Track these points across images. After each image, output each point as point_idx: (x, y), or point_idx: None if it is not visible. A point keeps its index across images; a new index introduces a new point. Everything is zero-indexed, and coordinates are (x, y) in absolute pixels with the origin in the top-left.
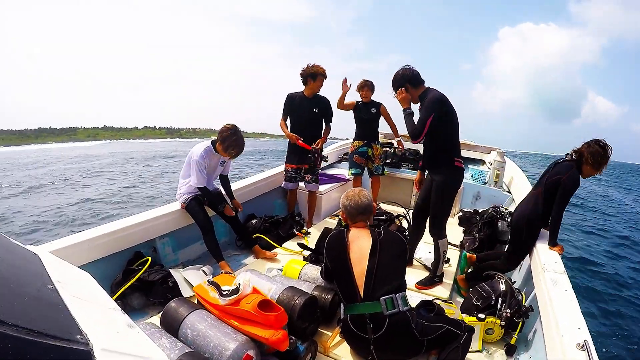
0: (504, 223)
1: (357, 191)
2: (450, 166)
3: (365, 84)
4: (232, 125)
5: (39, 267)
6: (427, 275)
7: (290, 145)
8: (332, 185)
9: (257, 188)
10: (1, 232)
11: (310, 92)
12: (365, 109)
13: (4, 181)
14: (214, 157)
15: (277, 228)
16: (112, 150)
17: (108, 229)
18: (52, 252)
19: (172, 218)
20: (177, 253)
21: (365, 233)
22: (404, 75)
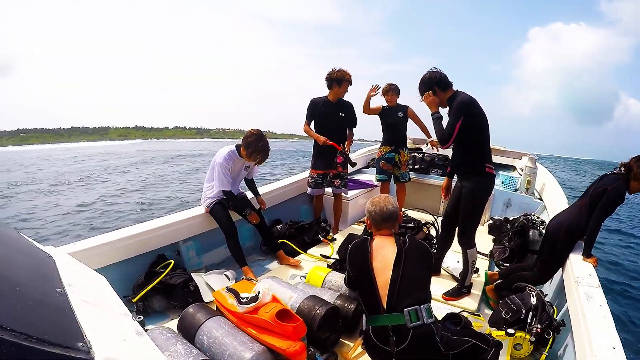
0: (536, 232)
1: (383, 197)
2: (481, 172)
3: (390, 88)
4: (257, 130)
5: (51, 269)
6: (455, 285)
7: (315, 151)
8: (359, 191)
9: (283, 193)
10: (21, 233)
11: (335, 96)
12: (392, 113)
13: (37, 177)
14: (238, 162)
15: (302, 234)
16: (142, 148)
17: (132, 232)
18: (75, 252)
19: (196, 222)
20: (200, 257)
21: (389, 241)
22: (432, 77)
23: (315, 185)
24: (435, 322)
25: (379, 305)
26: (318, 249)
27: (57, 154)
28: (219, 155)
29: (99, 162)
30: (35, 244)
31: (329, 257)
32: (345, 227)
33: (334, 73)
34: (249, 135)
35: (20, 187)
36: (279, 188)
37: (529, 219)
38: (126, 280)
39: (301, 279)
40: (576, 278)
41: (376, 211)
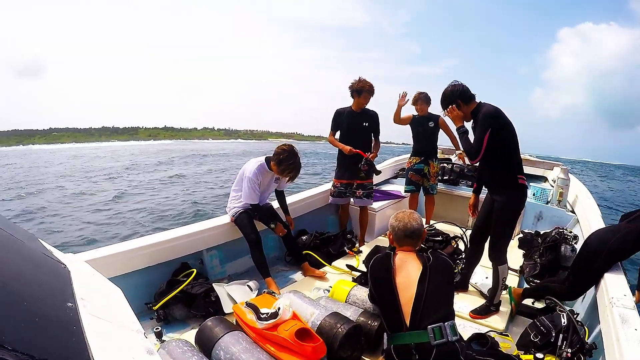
0: (568, 247)
1: (408, 213)
2: (514, 185)
3: (419, 97)
4: (288, 146)
5: (63, 281)
6: (483, 303)
7: (339, 160)
8: (386, 202)
9: (309, 203)
10: (40, 240)
11: (358, 106)
12: (422, 122)
13: (67, 174)
14: (267, 175)
15: (327, 245)
16: (179, 148)
17: (156, 240)
18: (97, 259)
19: (221, 231)
20: (224, 266)
21: (412, 257)
22: (454, 91)
23: (338, 195)
24: (460, 340)
25: (401, 323)
26: (343, 260)
27: (89, 152)
28: (248, 168)
29: (137, 161)
30: (52, 251)
31: (354, 268)
32: (372, 239)
33: (355, 84)
34: (280, 152)
35: (49, 185)
36: (305, 198)
37: (561, 233)
38: (148, 287)
39: (325, 293)
40: (610, 299)
41: (400, 227)
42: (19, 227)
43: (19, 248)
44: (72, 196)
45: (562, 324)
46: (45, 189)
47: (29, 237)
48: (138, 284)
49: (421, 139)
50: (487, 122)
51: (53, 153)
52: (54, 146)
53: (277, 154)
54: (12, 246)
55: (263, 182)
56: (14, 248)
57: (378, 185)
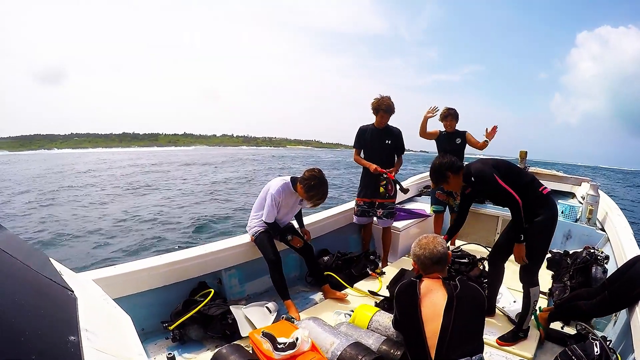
0: (599, 269)
1: (432, 238)
2: (540, 200)
3: (449, 113)
4: (318, 171)
5: (68, 311)
6: (510, 328)
7: (363, 178)
8: (411, 222)
9: (330, 223)
10: (50, 261)
11: (379, 123)
12: (449, 139)
13: (92, 182)
14: (291, 196)
15: (349, 266)
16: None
17: (173, 258)
18: (114, 276)
19: (240, 250)
20: (243, 285)
21: (438, 285)
22: (442, 164)
23: (362, 214)
24: None
25: (426, 355)
26: (366, 282)
27: (112, 158)
28: (272, 186)
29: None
30: (63, 272)
31: (376, 293)
32: (396, 260)
33: (374, 102)
34: (311, 178)
35: (71, 192)
36: (327, 217)
37: (592, 253)
38: (165, 306)
39: (346, 318)
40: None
41: (425, 255)
42: (30, 247)
43: (23, 275)
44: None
45: (594, 352)
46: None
47: (39, 258)
48: (155, 302)
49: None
50: (487, 172)
51: (78, 157)
52: (75, 150)
53: (307, 179)
54: (16, 273)
55: (287, 203)
56: (17, 275)
57: (402, 204)
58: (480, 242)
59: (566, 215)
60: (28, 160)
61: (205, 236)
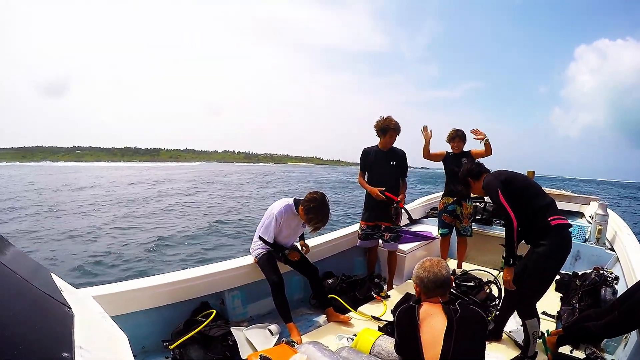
0: (609, 290)
1: (436, 262)
2: (546, 230)
3: (456, 134)
4: (319, 195)
5: (64, 328)
6: (517, 353)
7: (366, 202)
8: (416, 244)
9: (335, 245)
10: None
11: (384, 145)
12: (456, 160)
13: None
14: (294, 218)
15: (354, 289)
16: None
17: (176, 278)
18: (115, 293)
19: (243, 272)
20: (246, 307)
21: (438, 310)
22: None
23: (365, 237)
24: None
25: None
26: (370, 306)
27: (113, 174)
28: (276, 207)
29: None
30: (63, 287)
31: (379, 318)
32: (401, 283)
33: (380, 122)
34: (311, 200)
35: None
36: (332, 240)
37: (601, 275)
38: (167, 324)
39: (348, 342)
40: None
41: (429, 278)
42: (33, 262)
43: (19, 289)
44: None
45: None
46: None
47: (40, 273)
48: (157, 320)
49: (455, 178)
50: (492, 185)
51: (78, 172)
52: (76, 164)
53: (307, 201)
54: (15, 288)
55: (289, 225)
56: (16, 290)
57: (408, 226)
58: (488, 265)
59: (575, 236)
60: (30, 174)
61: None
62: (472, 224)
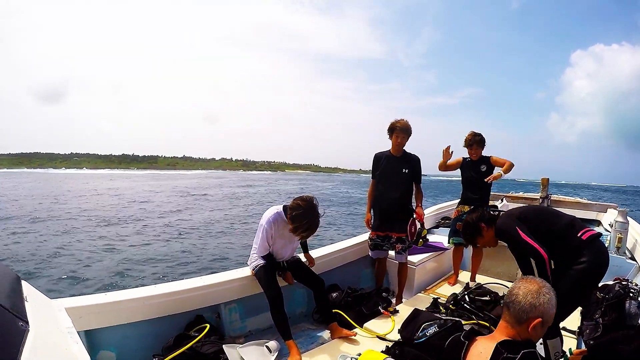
0: (634, 303)
1: (528, 285)
2: (584, 244)
3: (474, 140)
4: (305, 200)
5: (10, 345)
6: None
7: (376, 210)
8: (427, 255)
9: (342, 256)
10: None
11: (395, 149)
12: (474, 167)
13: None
14: (286, 226)
15: (360, 304)
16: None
17: (168, 289)
18: (104, 304)
19: (241, 284)
20: (245, 321)
21: (489, 349)
22: (474, 218)
23: (375, 247)
24: None
25: None
26: (377, 321)
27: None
28: (265, 216)
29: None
30: (28, 299)
31: (384, 338)
32: (411, 296)
33: (391, 123)
34: (295, 207)
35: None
36: (337, 250)
37: (625, 286)
38: (159, 338)
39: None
40: None
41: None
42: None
43: None
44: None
45: None
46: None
47: (6, 280)
48: (148, 333)
49: (472, 185)
50: (509, 226)
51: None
52: (73, 171)
53: (292, 208)
54: None
55: (282, 234)
56: None
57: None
58: (502, 277)
59: None
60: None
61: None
62: None
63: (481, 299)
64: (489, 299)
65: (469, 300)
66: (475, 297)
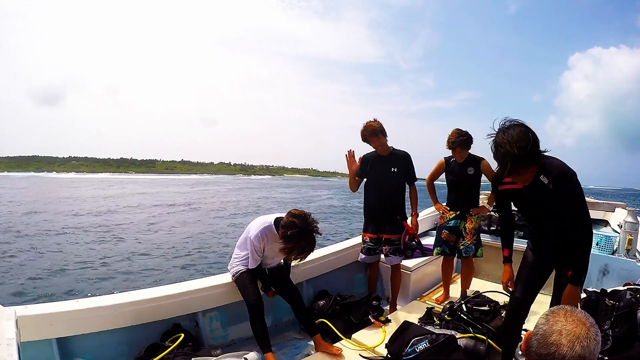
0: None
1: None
2: None
3: (457, 142)
4: (300, 217)
5: None
6: None
7: (365, 210)
8: (423, 260)
9: (332, 261)
10: None
11: (380, 150)
12: (460, 169)
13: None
14: (275, 239)
15: (349, 313)
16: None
17: (142, 296)
18: (75, 311)
19: (222, 291)
20: (227, 329)
21: None
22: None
23: (367, 252)
24: None
25: None
26: (367, 332)
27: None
28: (252, 230)
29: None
30: None
31: (369, 358)
32: (406, 303)
33: (362, 130)
34: (289, 225)
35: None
36: (328, 254)
37: (637, 293)
38: (134, 346)
39: None
40: None
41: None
42: None
43: None
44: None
45: None
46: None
47: None
48: (124, 341)
49: (457, 189)
50: (574, 177)
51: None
52: (71, 175)
53: (285, 226)
54: None
55: (272, 248)
56: None
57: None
58: (499, 283)
59: (601, 247)
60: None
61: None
62: (477, 240)
63: (479, 308)
64: (488, 309)
65: (466, 310)
66: (473, 307)
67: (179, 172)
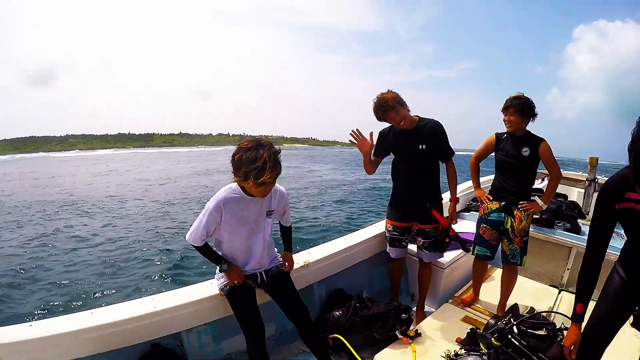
0: None
1: None
2: None
3: (512, 104)
4: (247, 140)
5: None
6: None
7: (394, 189)
8: (458, 254)
9: (348, 256)
10: None
11: (404, 125)
12: (513, 147)
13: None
14: (242, 201)
15: (371, 327)
16: None
17: (109, 318)
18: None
19: (210, 305)
20: (220, 343)
21: None
22: None
23: (392, 242)
24: None
25: None
26: (392, 351)
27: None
28: (212, 199)
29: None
30: None
31: None
32: (436, 307)
33: (374, 107)
34: (236, 152)
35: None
36: (344, 250)
37: None
38: None
39: None
40: None
41: None
42: None
43: None
44: None
45: None
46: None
47: None
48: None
49: (505, 173)
50: None
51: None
52: (70, 154)
53: (232, 156)
54: None
55: (242, 217)
56: None
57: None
58: (544, 280)
59: None
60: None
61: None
62: (524, 244)
63: (535, 332)
64: (546, 334)
65: (518, 334)
66: (528, 330)
67: (177, 144)
